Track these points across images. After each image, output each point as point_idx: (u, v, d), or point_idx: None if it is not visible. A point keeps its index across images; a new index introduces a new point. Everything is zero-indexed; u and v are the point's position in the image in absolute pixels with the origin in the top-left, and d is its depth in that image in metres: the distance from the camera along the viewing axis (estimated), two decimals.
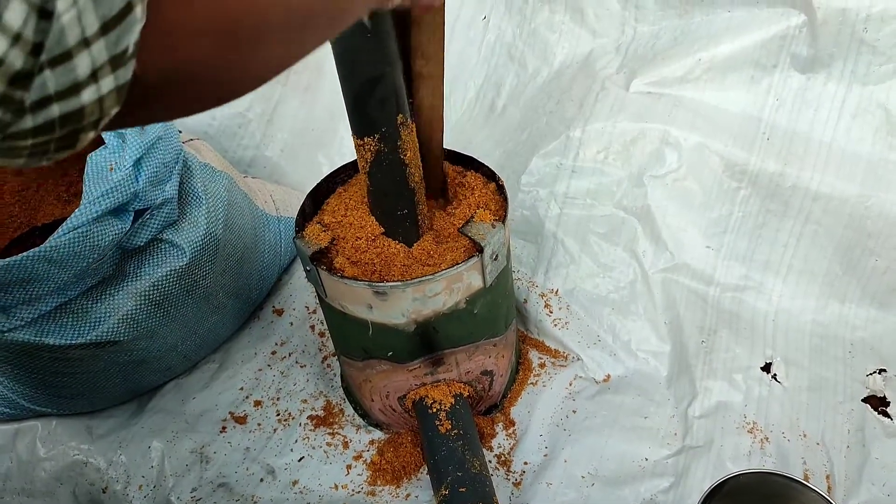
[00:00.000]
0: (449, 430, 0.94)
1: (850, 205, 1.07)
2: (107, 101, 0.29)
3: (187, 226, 1.04)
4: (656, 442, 1.02)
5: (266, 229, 1.26)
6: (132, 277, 1.01)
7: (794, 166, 1.10)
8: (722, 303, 1.14)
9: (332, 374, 1.19)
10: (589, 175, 1.18)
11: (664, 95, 1.17)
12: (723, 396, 1.05)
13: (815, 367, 1.07)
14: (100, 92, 0.28)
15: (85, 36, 0.26)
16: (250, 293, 1.25)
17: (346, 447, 1.08)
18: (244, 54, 0.38)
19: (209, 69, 0.36)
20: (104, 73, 0.28)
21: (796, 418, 1.02)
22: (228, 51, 0.36)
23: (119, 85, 0.29)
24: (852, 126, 1.08)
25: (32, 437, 1.12)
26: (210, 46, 0.35)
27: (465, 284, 0.88)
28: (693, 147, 1.14)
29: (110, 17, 0.27)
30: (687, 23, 1.20)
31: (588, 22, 1.30)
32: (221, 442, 1.10)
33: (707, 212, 1.16)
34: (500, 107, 1.40)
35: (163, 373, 1.16)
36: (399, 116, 0.82)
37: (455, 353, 0.96)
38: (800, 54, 1.10)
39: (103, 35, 0.27)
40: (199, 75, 0.36)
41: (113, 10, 0.27)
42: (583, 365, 1.13)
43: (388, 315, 0.88)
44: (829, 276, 1.12)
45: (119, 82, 0.29)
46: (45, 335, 0.96)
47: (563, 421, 1.07)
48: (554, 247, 1.19)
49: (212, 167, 1.12)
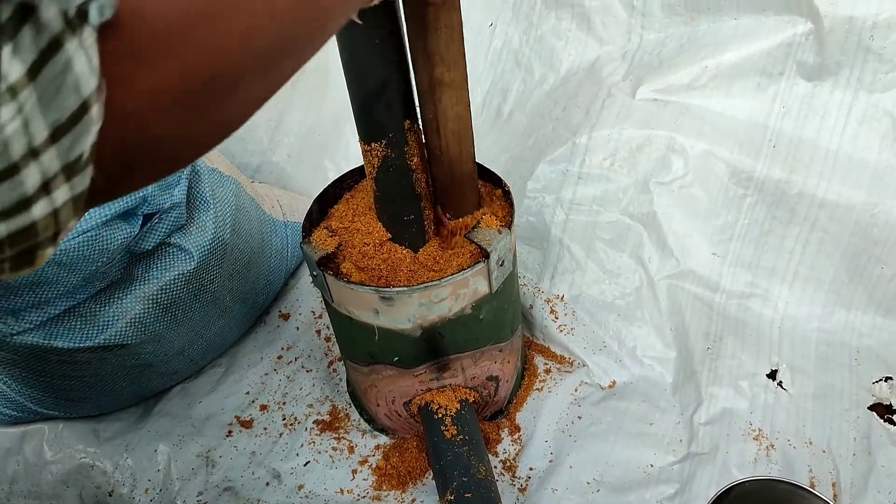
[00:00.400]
0: (454, 436, 0.94)
1: (856, 212, 1.07)
2: (62, 213, 0.26)
3: (195, 230, 1.05)
4: (662, 448, 1.02)
5: (273, 234, 1.27)
6: (140, 281, 1.02)
7: (801, 173, 1.10)
8: (728, 310, 1.14)
9: (337, 379, 1.19)
10: (595, 181, 1.18)
11: (670, 102, 1.17)
12: (728, 403, 1.05)
13: (820, 374, 1.07)
14: (53, 205, 0.25)
15: (33, 146, 0.23)
16: (257, 297, 1.25)
17: (351, 452, 1.08)
18: (224, 105, 0.35)
19: (186, 134, 0.34)
20: (57, 183, 0.25)
21: (802, 425, 1.02)
22: (205, 108, 0.33)
23: (76, 195, 0.26)
24: (859, 133, 1.08)
25: (39, 440, 1.13)
26: (185, 110, 0.32)
27: (471, 290, 0.88)
28: (699, 154, 1.14)
29: (62, 123, 0.24)
30: (693, 30, 1.21)
31: (594, 29, 1.30)
32: (227, 446, 1.10)
33: (713, 219, 1.16)
34: (506, 113, 1.40)
35: (169, 376, 1.17)
36: (406, 122, 0.82)
37: (461, 358, 0.96)
38: (806, 62, 1.10)
39: (54, 143, 0.24)
40: (175, 142, 0.33)
41: (65, 113, 0.24)
42: (588, 371, 1.13)
43: (394, 320, 0.88)
44: (835, 283, 1.12)
45: (75, 192, 0.26)
46: (53, 338, 0.97)
47: (568, 427, 1.07)
48: (560, 253, 1.20)
49: (220, 172, 1.13)
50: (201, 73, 0.31)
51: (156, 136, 0.31)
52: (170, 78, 0.30)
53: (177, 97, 0.30)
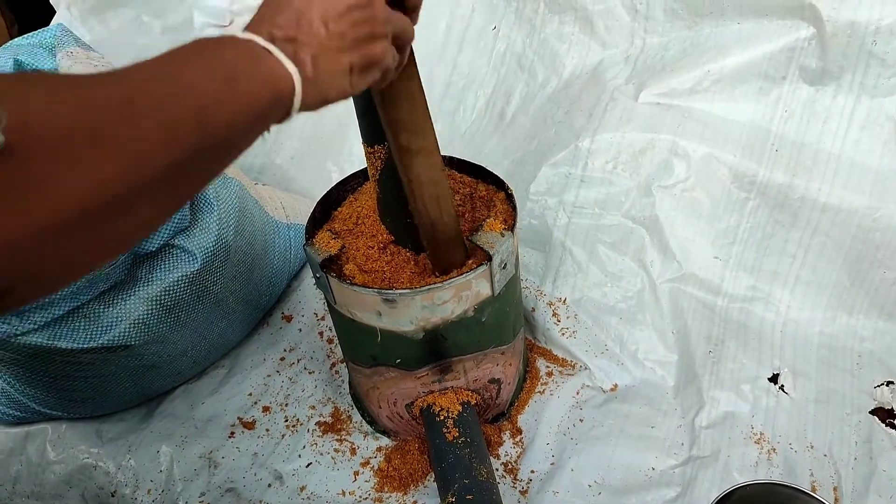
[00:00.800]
0: (456, 438, 0.94)
1: (858, 216, 1.07)
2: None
3: (199, 232, 1.05)
4: (663, 452, 1.02)
5: (276, 236, 1.27)
6: (144, 282, 1.02)
7: (803, 178, 1.10)
8: (730, 313, 1.14)
9: (340, 381, 1.19)
10: (597, 185, 1.18)
11: (673, 106, 1.18)
12: (730, 407, 1.05)
13: (822, 378, 1.07)
14: None
15: None
16: (260, 299, 1.26)
17: (353, 454, 1.08)
18: (101, 234, 0.34)
19: (67, 260, 0.34)
20: None
21: (804, 429, 1.02)
22: (81, 238, 0.33)
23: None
24: (861, 138, 1.08)
25: (42, 441, 1.13)
26: (57, 242, 0.32)
27: (473, 292, 0.88)
28: (701, 158, 1.14)
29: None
30: (696, 34, 1.21)
31: (598, 33, 1.31)
32: (230, 447, 1.11)
33: (715, 222, 1.16)
34: (509, 116, 1.41)
35: (172, 377, 1.17)
36: None
37: (463, 360, 0.96)
38: (809, 66, 1.10)
39: None
40: (56, 268, 0.33)
41: None
42: (590, 374, 1.13)
43: (396, 322, 0.88)
44: (837, 287, 1.12)
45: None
46: (57, 339, 0.97)
47: (570, 430, 1.07)
48: (562, 256, 1.20)
49: (224, 173, 1.13)
50: (83, 201, 0.32)
51: (34, 264, 0.31)
52: (52, 207, 0.30)
53: (59, 226, 0.31)
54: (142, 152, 0.35)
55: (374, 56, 0.56)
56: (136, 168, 0.35)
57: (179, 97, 0.39)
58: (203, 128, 0.40)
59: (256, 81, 0.46)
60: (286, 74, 0.48)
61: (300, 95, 0.49)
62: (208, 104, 0.41)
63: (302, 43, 0.50)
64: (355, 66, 0.55)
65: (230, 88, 0.43)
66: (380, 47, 0.57)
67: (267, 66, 0.47)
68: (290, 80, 0.48)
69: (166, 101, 0.38)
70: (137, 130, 0.35)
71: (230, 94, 0.43)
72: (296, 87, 0.49)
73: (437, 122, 1.48)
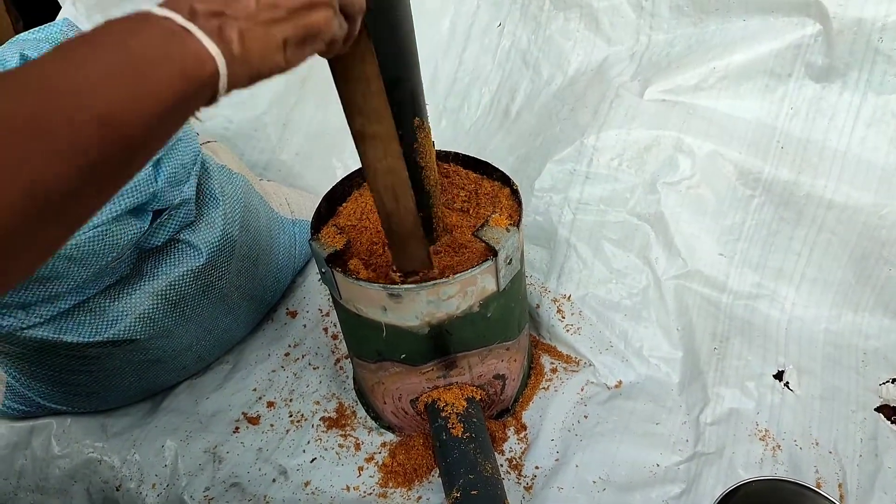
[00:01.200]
0: (461, 434, 0.94)
1: (864, 214, 1.07)
2: None
3: (204, 227, 1.05)
4: (668, 448, 1.02)
5: (281, 232, 1.27)
6: (149, 277, 1.02)
7: (809, 175, 1.10)
8: (735, 310, 1.14)
9: (344, 377, 1.19)
10: (602, 181, 1.18)
11: (678, 103, 1.18)
12: (735, 403, 1.05)
13: (827, 375, 1.07)
14: None
15: None
16: (265, 295, 1.26)
17: (358, 449, 1.08)
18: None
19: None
20: None
21: (809, 426, 1.02)
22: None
23: None
24: (867, 135, 1.08)
25: (47, 435, 1.13)
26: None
27: (478, 288, 0.88)
28: (707, 155, 1.14)
29: None
30: (702, 31, 1.21)
31: (603, 29, 1.31)
32: (234, 442, 1.11)
33: (720, 219, 1.16)
34: (514, 112, 1.41)
35: (177, 372, 1.17)
36: (415, 119, 0.82)
37: (468, 356, 0.96)
38: (815, 63, 1.10)
39: None
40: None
41: None
42: (595, 370, 1.13)
43: (401, 317, 0.88)
44: (842, 284, 1.12)
45: None
46: (63, 332, 0.97)
47: (574, 426, 1.07)
48: (567, 252, 1.20)
49: (229, 169, 1.13)
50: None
51: None
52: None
53: None
54: (33, 174, 0.33)
55: (312, 27, 0.50)
56: (29, 191, 0.33)
57: (79, 111, 0.36)
58: (109, 140, 0.37)
59: (173, 71, 0.41)
60: (208, 56, 0.43)
61: (225, 77, 0.44)
62: (114, 114, 0.37)
63: (228, 17, 0.45)
64: (290, 39, 0.48)
65: (141, 90, 0.39)
66: (321, 16, 0.50)
67: (186, 48, 0.42)
68: (212, 63, 0.43)
69: (61, 118, 0.35)
70: (24, 151, 0.33)
71: (141, 98, 0.39)
72: (220, 70, 0.44)
73: (442, 119, 1.49)
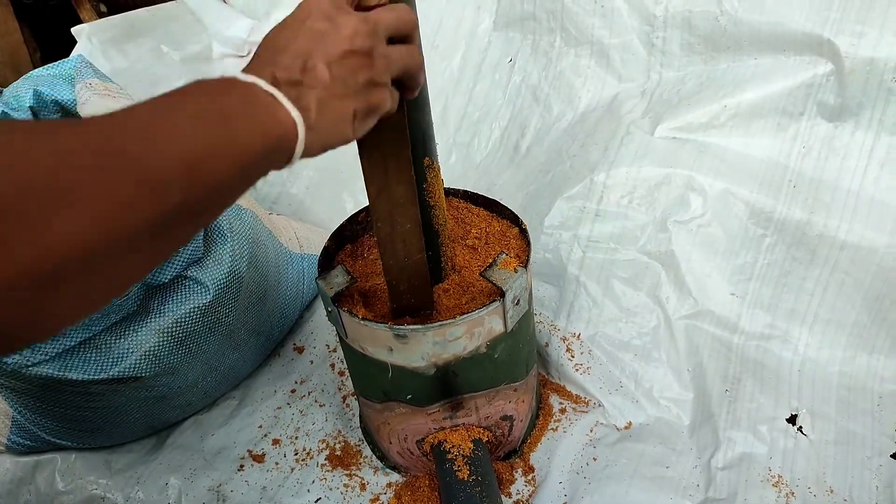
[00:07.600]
0: (467, 476, 0.93)
1: (878, 255, 1.05)
2: None
3: (211, 263, 1.05)
4: (678, 493, 1.00)
5: (289, 267, 1.27)
6: (156, 314, 1.02)
7: (821, 214, 1.09)
8: (746, 351, 1.12)
9: (350, 414, 1.18)
10: (613, 219, 1.17)
11: (689, 141, 1.17)
12: (747, 448, 1.03)
13: (842, 419, 1.05)
14: None
15: None
16: (272, 330, 1.25)
17: (363, 489, 1.07)
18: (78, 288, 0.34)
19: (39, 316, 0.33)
20: None
21: (823, 472, 1.00)
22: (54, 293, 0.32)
23: None
24: (881, 175, 1.07)
25: (52, 470, 1.12)
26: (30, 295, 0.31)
27: (486, 329, 0.87)
28: (718, 193, 1.13)
29: None
30: (713, 69, 1.21)
31: (614, 66, 1.31)
32: (238, 480, 1.10)
33: (732, 258, 1.15)
34: (524, 148, 1.40)
35: (183, 409, 1.16)
36: (426, 159, 0.82)
37: (475, 397, 0.95)
38: (827, 102, 1.10)
39: None
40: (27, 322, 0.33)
41: None
42: (604, 411, 1.11)
43: (407, 358, 0.88)
44: (856, 326, 1.10)
45: None
46: (68, 370, 0.97)
47: (583, 468, 1.05)
48: (576, 290, 1.19)
49: (238, 205, 1.14)
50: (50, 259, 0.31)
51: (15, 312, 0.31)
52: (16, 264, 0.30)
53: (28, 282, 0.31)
54: (118, 209, 0.34)
55: (376, 102, 0.54)
56: (110, 225, 0.33)
57: (167, 150, 0.37)
58: (193, 182, 0.38)
59: (256, 130, 0.43)
60: (290, 121, 0.46)
61: (303, 143, 0.47)
62: (200, 158, 0.39)
63: (305, 86, 0.48)
64: (359, 112, 0.52)
65: (226, 139, 0.41)
66: (385, 93, 0.55)
67: (269, 112, 0.45)
68: (293, 128, 0.46)
69: (151, 155, 0.36)
70: (114, 187, 0.33)
71: (226, 146, 0.41)
72: (299, 134, 0.46)
73: (452, 154, 1.49)
